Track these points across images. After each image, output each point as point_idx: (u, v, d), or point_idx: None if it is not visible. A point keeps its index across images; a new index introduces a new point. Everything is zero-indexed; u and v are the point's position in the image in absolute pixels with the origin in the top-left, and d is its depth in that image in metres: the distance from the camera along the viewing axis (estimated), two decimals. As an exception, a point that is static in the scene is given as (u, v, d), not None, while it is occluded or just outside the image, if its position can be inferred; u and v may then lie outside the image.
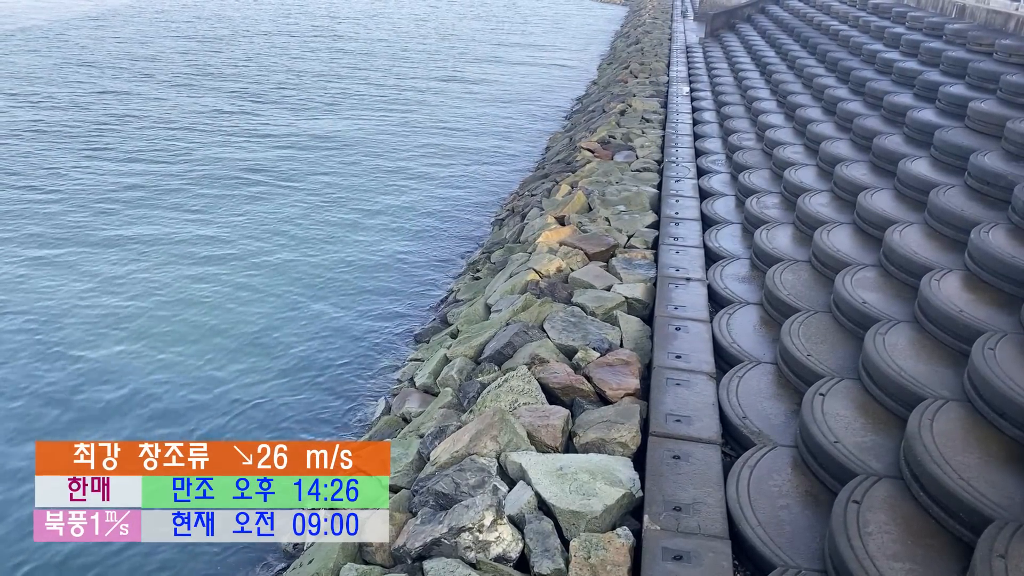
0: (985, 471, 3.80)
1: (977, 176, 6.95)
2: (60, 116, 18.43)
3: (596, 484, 4.23)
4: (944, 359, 4.91)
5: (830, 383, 4.92)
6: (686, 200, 9.42)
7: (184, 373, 8.00)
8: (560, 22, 42.59)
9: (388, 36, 34.16)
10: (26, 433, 7.02)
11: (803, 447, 4.54)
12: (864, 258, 6.53)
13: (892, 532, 3.68)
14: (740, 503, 4.13)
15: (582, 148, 12.99)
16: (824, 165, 9.19)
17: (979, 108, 8.15)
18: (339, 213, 12.98)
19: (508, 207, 12.85)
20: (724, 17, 24.88)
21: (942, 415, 4.20)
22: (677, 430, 4.74)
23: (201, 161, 15.45)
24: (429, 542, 4.03)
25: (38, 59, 25.12)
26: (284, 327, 9.04)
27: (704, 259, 7.63)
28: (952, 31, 11.62)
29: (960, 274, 5.64)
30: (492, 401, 5.29)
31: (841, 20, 16.85)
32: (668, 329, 6.08)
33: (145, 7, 39.20)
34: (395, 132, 18.58)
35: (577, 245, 8.22)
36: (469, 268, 10.53)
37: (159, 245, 11.27)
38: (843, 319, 5.76)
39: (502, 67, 28.26)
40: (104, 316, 9.13)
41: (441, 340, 7.78)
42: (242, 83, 23.03)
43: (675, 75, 18.61)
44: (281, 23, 36.33)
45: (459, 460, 4.68)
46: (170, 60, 25.97)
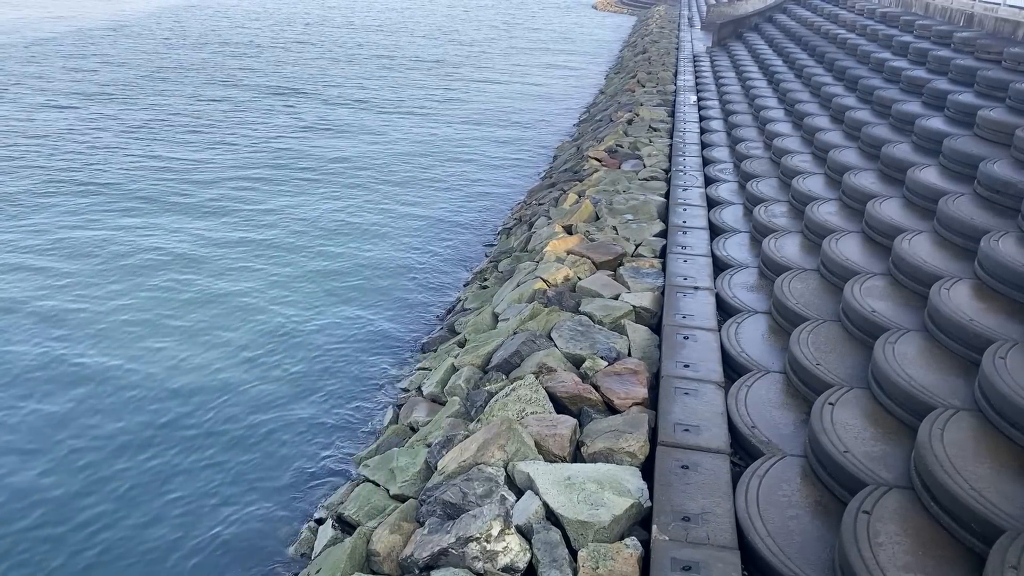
0: (997, 481, 3.76)
1: (986, 184, 6.92)
2: (79, 119, 18.60)
3: (604, 494, 4.21)
4: (954, 368, 4.88)
5: (839, 392, 4.90)
6: (694, 209, 9.41)
7: (191, 380, 8.01)
8: (568, 32, 42.71)
9: (391, 43, 34.34)
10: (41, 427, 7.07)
11: (812, 457, 4.52)
12: (873, 267, 6.50)
13: (903, 543, 3.65)
14: (749, 513, 4.11)
15: (589, 157, 13.00)
16: (832, 174, 9.17)
17: (988, 116, 8.13)
18: (345, 223, 13.01)
19: (515, 216, 12.86)
20: (731, 26, 24.91)
21: (953, 425, 4.17)
22: (685, 439, 4.72)
23: (197, 171, 15.53)
24: (436, 552, 4.02)
25: (36, 68, 25.35)
26: (291, 336, 9.05)
27: (712, 268, 7.61)
28: (960, 39, 11.60)
29: (970, 283, 5.61)
30: (500, 410, 5.28)
31: (849, 29, 16.85)
32: (676, 338, 6.06)
33: (182, 11, 39.54)
34: (401, 141, 18.63)
35: (584, 254, 8.22)
36: (476, 277, 10.54)
37: (157, 254, 11.32)
38: (852, 328, 5.74)
39: (508, 76, 28.34)
40: (100, 320, 9.17)
41: (448, 349, 7.78)
42: (247, 92, 23.17)
43: (682, 84, 18.62)
44: (293, 30, 36.57)
45: (467, 469, 4.68)
46: (188, 66, 26.18)
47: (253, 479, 6.59)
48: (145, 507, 6.25)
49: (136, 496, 6.38)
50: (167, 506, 6.25)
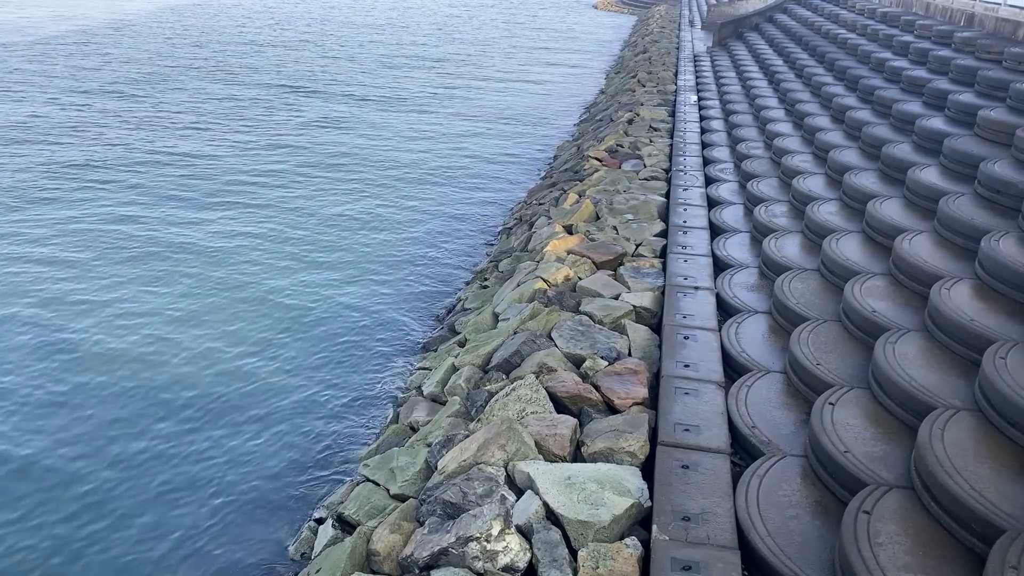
0: (997, 481, 3.76)
1: (987, 184, 6.92)
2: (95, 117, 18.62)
3: (604, 494, 4.21)
4: (955, 368, 4.88)
5: (840, 392, 4.90)
6: (694, 209, 9.41)
7: (190, 379, 8.01)
8: (568, 31, 42.70)
9: (394, 42, 34.33)
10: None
11: (813, 457, 4.52)
12: (873, 267, 6.50)
13: (903, 543, 3.65)
14: (749, 513, 4.11)
15: (590, 157, 13.00)
16: (833, 174, 9.17)
17: (989, 116, 8.13)
18: (345, 221, 13.01)
19: (516, 216, 12.86)
20: (732, 26, 24.90)
21: (953, 425, 4.17)
22: (686, 439, 4.72)
23: (195, 167, 15.55)
24: (436, 551, 4.02)
25: (40, 66, 25.36)
26: (291, 335, 9.05)
27: (712, 268, 7.61)
28: (961, 39, 11.60)
29: (970, 283, 5.61)
30: (500, 410, 5.28)
31: (849, 28, 16.85)
32: (676, 338, 6.06)
33: (192, 10, 39.56)
34: (401, 140, 18.63)
35: (585, 254, 8.22)
36: (477, 277, 10.54)
37: (151, 250, 11.33)
38: (852, 328, 5.74)
39: (509, 76, 28.34)
40: (106, 324, 9.18)
41: (449, 349, 7.78)
42: (248, 89, 23.17)
43: (683, 84, 18.62)
44: (295, 29, 36.58)
45: (467, 469, 4.68)
46: (193, 64, 26.19)
47: (253, 478, 6.59)
48: (144, 506, 6.25)
49: (135, 495, 6.37)
50: (166, 504, 6.26)
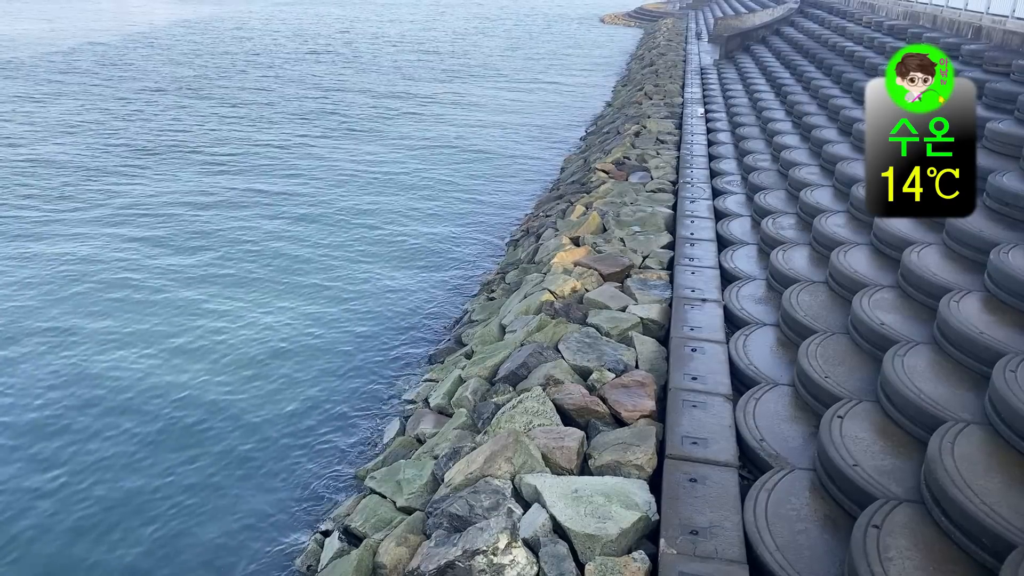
0: (1008, 495, 3.73)
1: (996, 197, 6.90)
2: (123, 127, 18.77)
3: (612, 507, 4.19)
4: (964, 381, 4.85)
5: (848, 405, 4.87)
6: (701, 221, 9.40)
7: (197, 392, 8.02)
8: (576, 45, 42.90)
9: (402, 54, 34.52)
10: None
11: (821, 470, 4.49)
12: (882, 279, 6.48)
13: (913, 558, 3.61)
14: (758, 527, 4.08)
15: (597, 169, 13.02)
16: (840, 186, 9.15)
17: (997, 129, 8.11)
18: (354, 235, 13.05)
19: (523, 228, 12.88)
20: (739, 39, 24.97)
21: (963, 438, 4.14)
22: (693, 452, 4.70)
23: (201, 191, 15.63)
24: (443, 565, 4.00)
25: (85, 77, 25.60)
26: (298, 346, 9.06)
27: (720, 280, 7.60)
28: (968, 52, 11.60)
29: (980, 295, 5.58)
30: (507, 422, 5.27)
31: (856, 41, 16.87)
32: (684, 350, 6.05)
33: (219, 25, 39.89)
34: (408, 153, 18.70)
35: (592, 266, 8.21)
36: (484, 289, 10.54)
37: (147, 270, 11.37)
38: (861, 341, 5.71)
39: (517, 89, 28.46)
40: (109, 332, 9.22)
41: (456, 361, 7.77)
42: (245, 108, 23.33)
43: (690, 96, 18.65)
44: (305, 47, 36.83)
45: (473, 482, 4.66)
46: (213, 81, 26.41)
47: (260, 490, 6.59)
48: (150, 517, 6.25)
49: (141, 506, 6.38)
50: (173, 517, 6.25)
